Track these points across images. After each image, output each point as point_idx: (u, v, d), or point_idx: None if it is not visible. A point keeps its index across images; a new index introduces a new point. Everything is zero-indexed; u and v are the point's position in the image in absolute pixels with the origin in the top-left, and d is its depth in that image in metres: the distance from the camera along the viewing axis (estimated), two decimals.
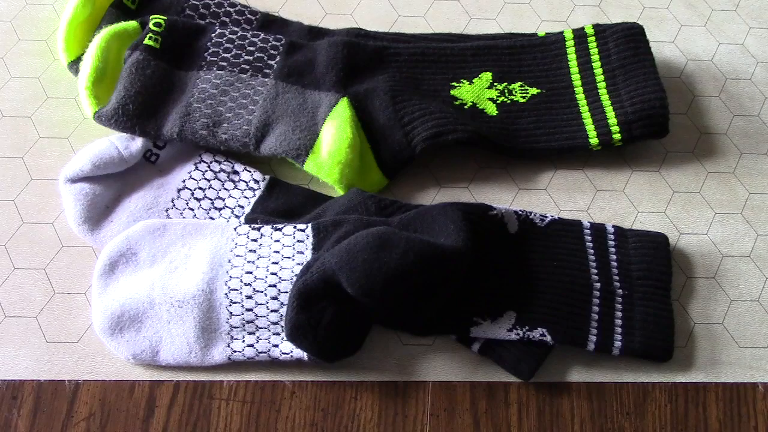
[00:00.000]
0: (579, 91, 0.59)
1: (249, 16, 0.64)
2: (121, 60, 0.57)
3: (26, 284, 0.53)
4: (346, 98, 0.57)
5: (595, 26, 0.61)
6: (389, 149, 0.56)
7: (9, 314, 0.52)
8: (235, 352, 0.49)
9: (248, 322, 0.49)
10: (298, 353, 0.48)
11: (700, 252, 0.56)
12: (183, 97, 0.56)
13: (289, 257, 0.50)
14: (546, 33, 0.62)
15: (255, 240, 0.51)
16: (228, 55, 0.58)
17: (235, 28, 0.60)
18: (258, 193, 0.55)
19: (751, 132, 0.61)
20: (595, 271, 0.52)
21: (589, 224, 0.54)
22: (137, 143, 0.55)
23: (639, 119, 0.56)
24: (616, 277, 0.52)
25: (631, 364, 0.51)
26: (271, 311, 0.49)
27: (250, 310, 0.49)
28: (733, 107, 0.62)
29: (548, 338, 0.49)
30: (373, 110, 0.57)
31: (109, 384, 0.50)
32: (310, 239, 0.50)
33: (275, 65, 0.58)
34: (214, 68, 0.58)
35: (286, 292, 0.49)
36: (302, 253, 0.50)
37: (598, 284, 0.52)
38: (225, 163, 0.56)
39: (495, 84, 0.60)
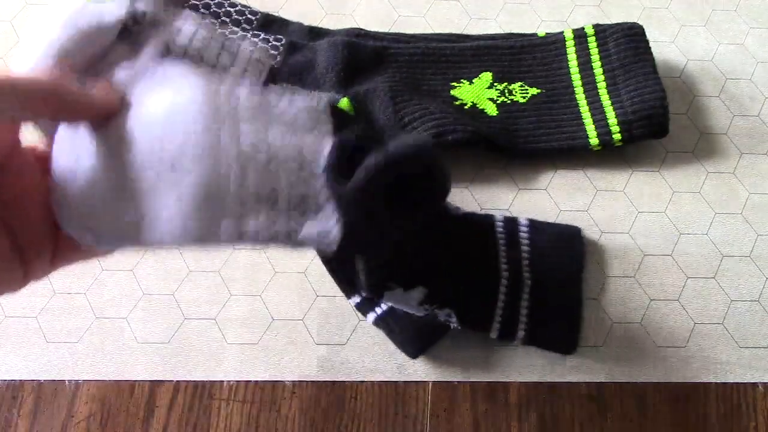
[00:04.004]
0: (579, 91, 0.59)
1: (249, 16, 0.64)
2: None
3: None
4: (346, 98, 0.57)
5: (595, 26, 0.61)
6: None
7: (9, 314, 0.52)
8: (246, 231, 0.32)
9: (264, 195, 0.32)
10: (325, 233, 0.32)
11: (700, 252, 0.56)
12: None
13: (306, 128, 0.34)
14: (546, 33, 0.62)
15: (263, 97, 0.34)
16: None
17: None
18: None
19: (751, 132, 0.61)
20: (505, 260, 0.53)
21: (502, 216, 0.55)
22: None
23: (639, 119, 0.56)
24: (527, 268, 0.53)
25: (631, 364, 0.51)
26: (294, 184, 0.33)
27: (266, 180, 0.32)
28: (733, 107, 0.62)
29: (454, 320, 0.49)
30: (373, 110, 0.57)
31: (109, 384, 0.50)
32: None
33: (275, 65, 0.58)
34: None
35: (312, 163, 0.33)
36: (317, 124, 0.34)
37: (507, 273, 0.52)
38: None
39: (495, 84, 0.60)
